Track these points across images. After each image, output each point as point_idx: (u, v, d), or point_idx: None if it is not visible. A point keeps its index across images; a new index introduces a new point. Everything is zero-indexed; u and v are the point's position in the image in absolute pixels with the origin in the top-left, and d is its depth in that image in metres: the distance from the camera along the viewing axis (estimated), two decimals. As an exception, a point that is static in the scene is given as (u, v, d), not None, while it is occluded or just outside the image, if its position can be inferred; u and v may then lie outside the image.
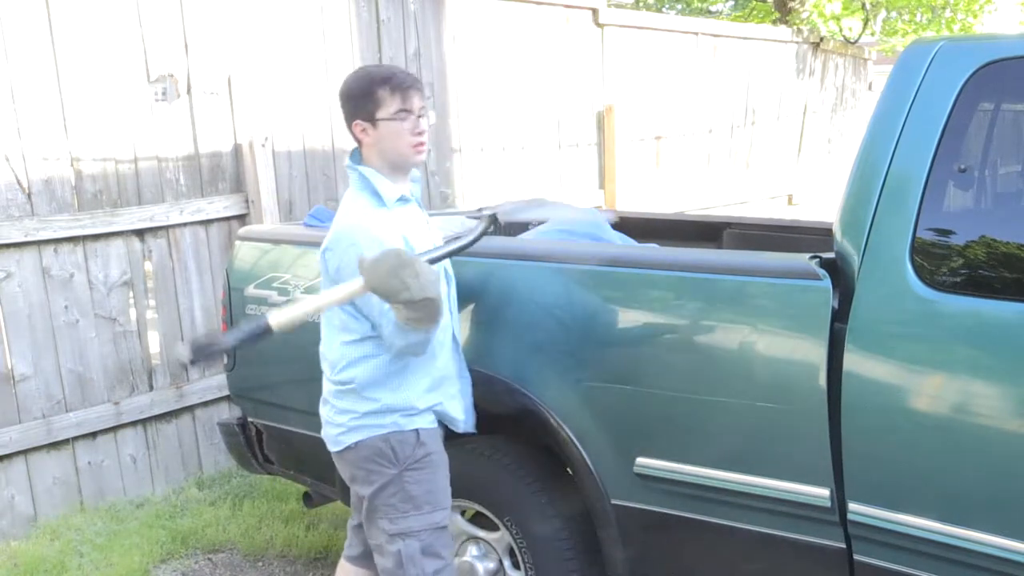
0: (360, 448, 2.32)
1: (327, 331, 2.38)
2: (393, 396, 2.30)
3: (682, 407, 2.32)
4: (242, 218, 4.42)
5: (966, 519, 1.96)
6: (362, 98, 2.27)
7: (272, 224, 4.27)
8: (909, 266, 2.05)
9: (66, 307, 3.91)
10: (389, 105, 2.25)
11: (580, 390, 2.46)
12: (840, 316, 2.11)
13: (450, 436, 2.51)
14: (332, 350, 2.36)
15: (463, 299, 2.58)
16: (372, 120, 2.27)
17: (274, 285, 3.11)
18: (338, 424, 2.35)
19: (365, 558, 2.55)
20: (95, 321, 4.01)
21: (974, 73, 2.09)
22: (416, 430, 2.32)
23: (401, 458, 2.30)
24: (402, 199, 2.35)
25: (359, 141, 2.32)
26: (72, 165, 3.89)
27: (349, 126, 2.32)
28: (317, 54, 4.69)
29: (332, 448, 2.40)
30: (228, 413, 4.34)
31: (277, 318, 2.11)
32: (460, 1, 5.39)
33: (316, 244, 3.09)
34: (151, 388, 4.21)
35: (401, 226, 2.30)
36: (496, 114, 5.67)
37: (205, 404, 4.40)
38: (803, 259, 2.20)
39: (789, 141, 8.68)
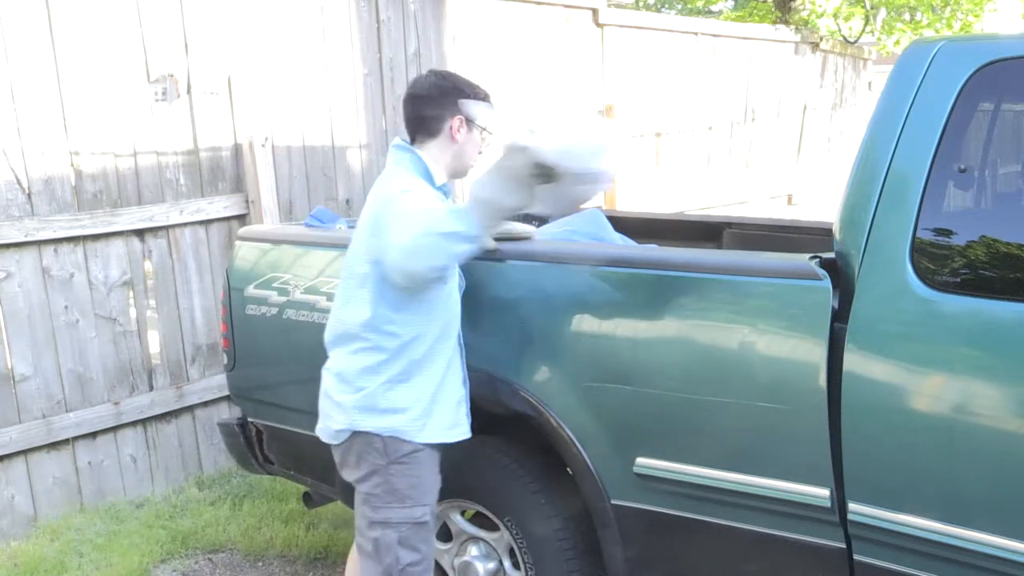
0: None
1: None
2: None
3: (682, 407, 2.32)
4: (242, 218, 4.42)
5: (966, 519, 1.96)
6: (472, 99, 2.38)
7: (272, 224, 4.27)
8: (909, 266, 2.06)
9: (66, 307, 3.91)
10: (487, 120, 2.38)
11: (580, 390, 2.46)
12: (840, 316, 2.11)
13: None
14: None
15: (466, 299, 2.58)
16: (471, 124, 2.39)
17: (274, 285, 3.11)
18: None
19: None
20: (95, 321, 4.01)
21: (974, 73, 2.09)
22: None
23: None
24: (444, 189, 2.43)
25: (447, 135, 2.39)
26: (72, 165, 3.89)
27: (440, 117, 2.38)
28: (317, 54, 4.69)
29: None
30: (228, 413, 4.34)
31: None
32: (460, 1, 5.39)
33: (316, 244, 3.11)
34: (151, 388, 4.21)
35: None
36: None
37: (205, 404, 4.40)
38: (803, 259, 2.20)
39: (789, 141, 8.68)
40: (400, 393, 2.32)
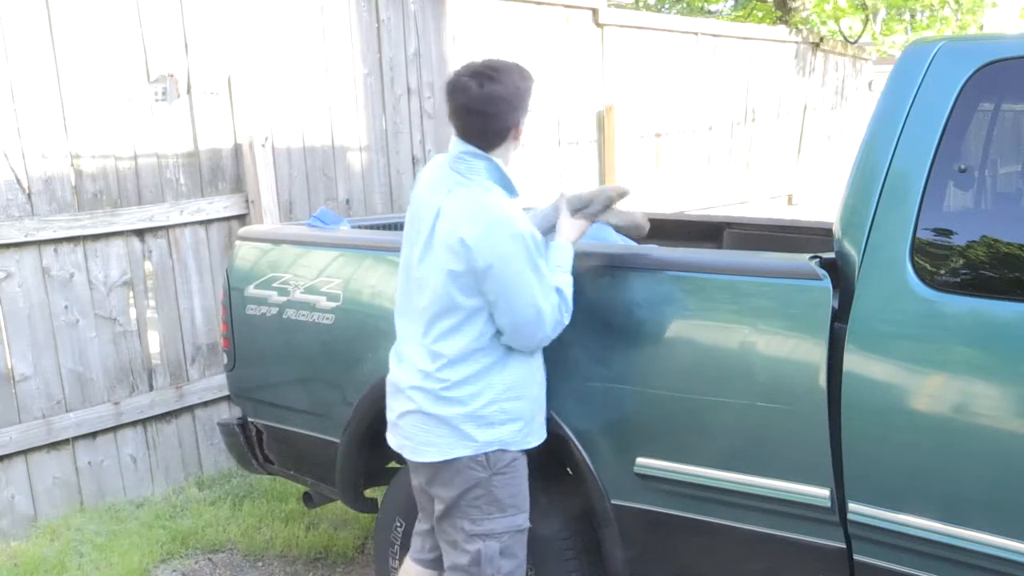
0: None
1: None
2: None
3: (682, 407, 2.32)
4: (242, 218, 4.42)
5: (966, 519, 1.96)
6: (526, 103, 2.37)
7: (272, 224, 4.27)
8: (909, 266, 2.06)
9: (66, 307, 3.91)
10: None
11: (580, 390, 2.46)
12: (840, 316, 2.11)
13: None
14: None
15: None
16: (520, 125, 2.37)
17: (274, 285, 3.11)
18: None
19: (437, 563, 2.51)
20: (95, 321, 4.01)
21: (974, 73, 2.09)
22: None
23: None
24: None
25: (505, 139, 2.33)
26: (72, 165, 3.89)
27: (507, 124, 2.30)
28: (317, 54, 4.69)
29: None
30: (228, 413, 4.34)
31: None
32: (460, 1, 5.39)
33: (315, 244, 3.11)
34: (151, 388, 4.21)
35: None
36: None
37: (205, 404, 4.40)
38: (803, 259, 2.20)
39: (789, 141, 8.68)
40: (512, 404, 2.30)
